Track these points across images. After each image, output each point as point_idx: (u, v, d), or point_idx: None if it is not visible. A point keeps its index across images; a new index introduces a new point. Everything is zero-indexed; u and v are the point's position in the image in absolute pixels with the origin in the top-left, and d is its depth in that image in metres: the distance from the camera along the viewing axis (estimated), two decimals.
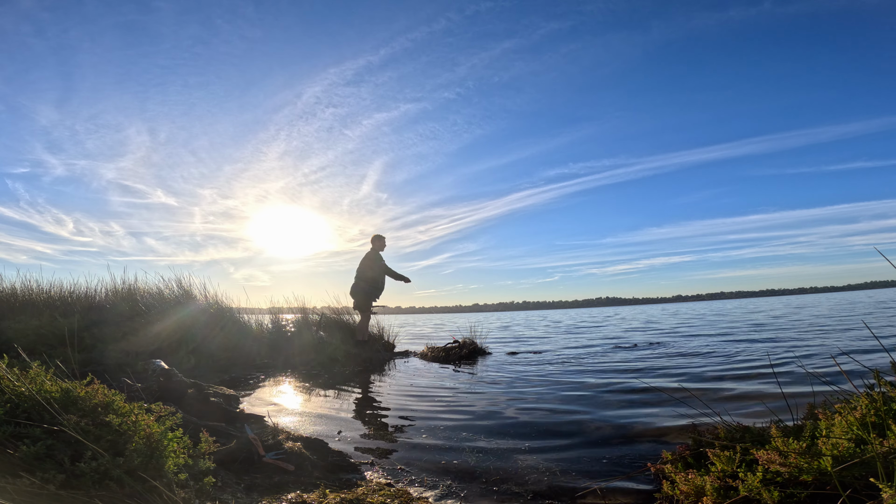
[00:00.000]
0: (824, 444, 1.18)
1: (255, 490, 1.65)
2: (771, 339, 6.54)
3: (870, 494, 1.09)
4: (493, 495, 1.70)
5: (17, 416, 1.34)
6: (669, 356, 5.30)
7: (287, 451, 1.95)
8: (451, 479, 1.86)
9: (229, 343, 5.65)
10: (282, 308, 7.23)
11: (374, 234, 6.79)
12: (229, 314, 6.27)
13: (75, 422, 1.31)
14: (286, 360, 5.86)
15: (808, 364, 4.07)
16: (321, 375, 4.92)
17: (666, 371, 4.28)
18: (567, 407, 3.03)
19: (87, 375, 1.62)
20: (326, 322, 7.12)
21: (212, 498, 1.43)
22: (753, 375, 3.75)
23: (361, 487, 1.72)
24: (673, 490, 1.41)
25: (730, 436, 1.55)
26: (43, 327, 4.71)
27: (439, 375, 4.77)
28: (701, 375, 3.92)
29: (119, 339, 4.79)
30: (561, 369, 4.71)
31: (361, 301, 6.56)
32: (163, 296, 6.07)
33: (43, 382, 1.45)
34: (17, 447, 1.22)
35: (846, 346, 5.22)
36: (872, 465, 1.08)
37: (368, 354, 6.22)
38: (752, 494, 1.19)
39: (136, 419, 1.38)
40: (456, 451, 2.21)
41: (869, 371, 1.45)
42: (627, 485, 1.73)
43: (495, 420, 2.79)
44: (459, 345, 6.56)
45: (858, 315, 10.22)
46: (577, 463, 2.00)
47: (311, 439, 2.22)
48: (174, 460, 1.36)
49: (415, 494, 1.69)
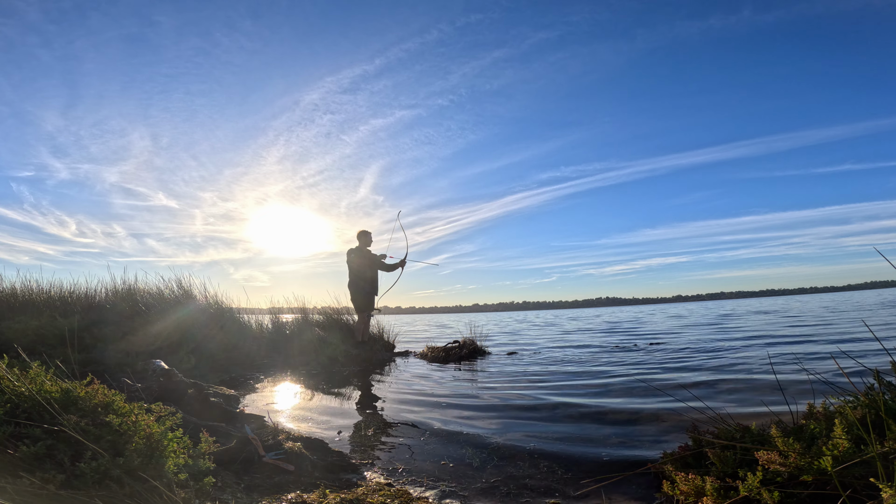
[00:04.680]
0: (824, 444, 1.18)
1: (255, 490, 1.65)
2: (771, 338, 6.54)
3: (870, 494, 1.09)
4: (493, 495, 1.70)
5: (18, 416, 1.34)
6: (670, 356, 5.30)
7: (287, 451, 1.95)
8: (451, 479, 1.86)
9: (229, 343, 5.64)
10: (281, 308, 7.22)
11: (361, 230, 6.49)
12: (229, 314, 6.26)
13: (75, 422, 1.31)
14: (286, 360, 5.86)
15: (807, 364, 4.07)
16: (321, 375, 4.92)
17: (668, 371, 4.28)
18: (567, 407, 3.03)
19: (87, 375, 1.62)
20: (326, 322, 7.11)
21: (212, 498, 1.43)
22: (753, 375, 3.75)
23: (361, 487, 1.72)
24: (673, 490, 1.41)
25: (730, 436, 1.55)
26: (43, 327, 4.71)
27: (439, 375, 4.77)
28: (702, 374, 3.92)
29: (119, 339, 4.78)
30: (561, 369, 4.70)
31: (362, 301, 6.48)
32: (163, 296, 6.07)
33: (43, 382, 1.45)
34: (17, 447, 1.22)
35: (846, 345, 5.22)
36: (872, 465, 1.08)
37: (368, 355, 6.21)
38: (752, 494, 1.19)
39: (136, 419, 1.38)
40: (456, 450, 2.21)
41: (869, 371, 1.45)
42: (627, 484, 1.73)
43: (495, 420, 2.78)
44: (459, 345, 6.56)
45: (859, 315, 10.22)
46: (577, 462, 2.00)
47: (311, 439, 2.22)
48: (174, 460, 1.36)
49: (415, 494, 1.69)
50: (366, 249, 6.49)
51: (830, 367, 3.77)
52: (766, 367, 4.03)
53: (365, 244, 6.48)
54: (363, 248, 6.47)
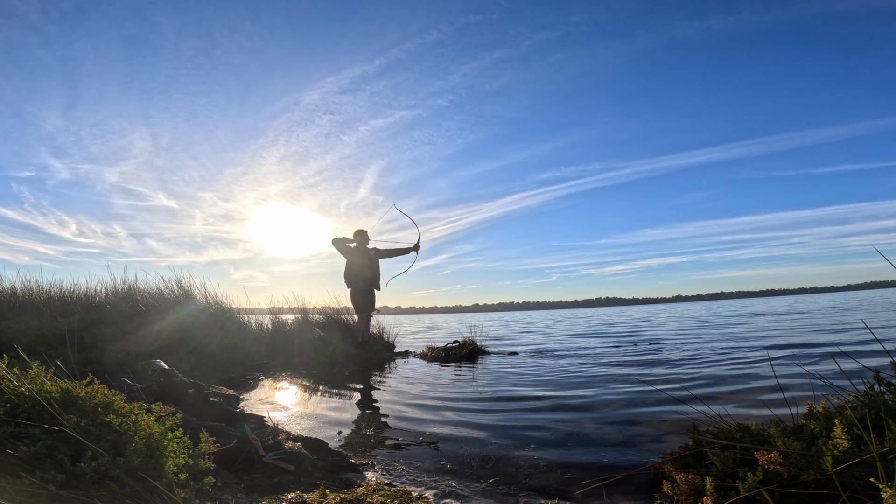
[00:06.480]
0: (824, 444, 1.18)
1: (255, 490, 1.65)
2: (770, 337, 6.54)
3: (870, 494, 1.09)
4: (493, 494, 1.70)
5: (17, 416, 1.34)
6: (671, 356, 5.30)
7: (287, 451, 1.95)
8: (451, 479, 1.86)
9: (229, 343, 5.64)
10: (281, 308, 7.21)
11: (357, 230, 6.46)
12: (229, 314, 6.26)
13: (75, 422, 1.31)
14: (286, 360, 5.86)
15: (807, 364, 4.07)
16: (321, 376, 4.92)
17: (668, 371, 4.29)
18: (567, 406, 3.03)
19: (87, 375, 1.62)
20: (326, 322, 7.11)
21: (212, 498, 1.43)
22: (753, 375, 3.75)
23: (361, 487, 1.72)
24: (673, 490, 1.41)
25: (730, 436, 1.55)
26: (43, 327, 4.71)
27: (439, 375, 4.77)
28: (703, 374, 3.92)
29: (119, 339, 4.78)
30: (561, 369, 4.70)
31: (362, 301, 6.47)
32: (163, 296, 6.07)
33: (43, 382, 1.45)
34: (17, 447, 1.22)
35: (846, 345, 5.22)
36: (872, 465, 1.08)
37: (368, 355, 6.21)
38: (752, 494, 1.19)
39: (136, 419, 1.38)
40: (456, 450, 2.21)
41: (869, 370, 1.45)
42: (628, 484, 1.73)
43: (495, 420, 2.78)
44: (459, 345, 6.56)
45: (860, 315, 10.21)
46: (577, 462, 1.99)
47: (311, 439, 2.22)
48: (174, 460, 1.36)
49: (415, 494, 1.69)
50: (364, 248, 6.45)
51: (830, 367, 3.77)
52: (765, 367, 4.03)
53: (364, 243, 6.45)
54: (361, 248, 6.43)
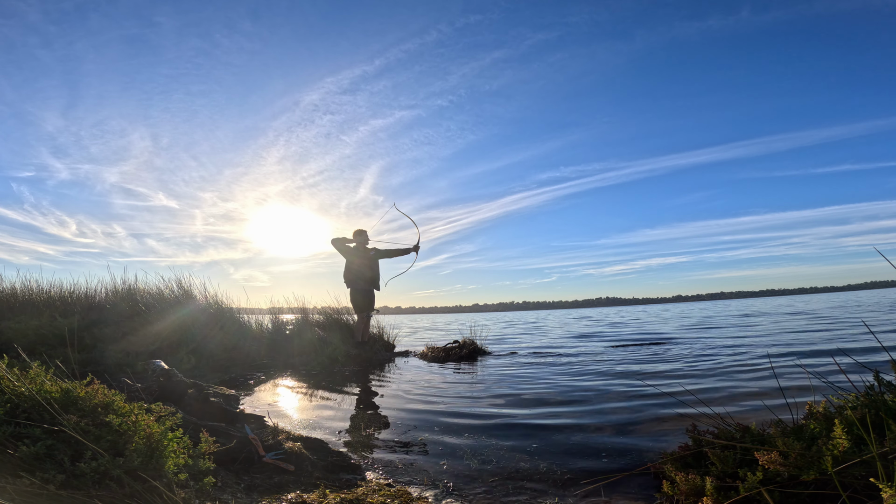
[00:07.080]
0: (824, 444, 1.18)
1: (255, 490, 1.65)
2: (769, 337, 6.54)
3: (870, 494, 1.09)
4: (493, 494, 1.70)
5: (17, 416, 1.34)
6: (671, 356, 5.30)
7: (287, 452, 1.95)
8: (452, 479, 1.86)
9: (229, 343, 5.64)
10: (282, 308, 7.20)
11: (357, 230, 6.42)
12: (229, 314, 6.26)
13: (75, 422, 1.31)
14: (286, 360, 5.86)
15: (807, 364, 4.07)
16: (321, 376, 4.91)
17: (668, 371, 4.28)
18: (568, 407, 3.03)
19: (87, 375, 1.62)
20: (326, 322, 7.11)
21: (212, 498, 1.43)
22: (753, 375, 3.75)
23: (361, 487, 1.72)
24: (673, 490, 1.41)
25: (730, 436, 1.55)
26: (43, 327, 4.71)
27: (439, 375, 4.77)
28: (704, 375, 3.92)
29: (119, 339, 4.78)
30: (562, 369, 4.70)
31: (362, 302, 6.46)
32: (163, 296, 6.07)
33: (43, 382, 1.45)
34: (17, 447, 1.22)
35: (846, 345, 5.22)
36: (872, 465, 1.08)
37: (368, 355, 6.21)
38: (752, 494, 1.19)
39: (136, 419, 1.38)
40: (456, 450, 2.21)
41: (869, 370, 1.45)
42: (627, 484, 1.73)
43: (495, 420, 2.78)
44: (459, 345, 6.56)
45: (860, 315, 10.21)
46: (577, 462, 2.00)
47: (311, 439, 2.22)
48: (174, 460, 1.36)
49: (415, 494, 1.69)
50: (364, 248, 6.44)
51: (831, 367, 3.77)
52: (765, 367, 4.03)
53: (364, 243, 6.44)
54: (361, 248, 6.42)
